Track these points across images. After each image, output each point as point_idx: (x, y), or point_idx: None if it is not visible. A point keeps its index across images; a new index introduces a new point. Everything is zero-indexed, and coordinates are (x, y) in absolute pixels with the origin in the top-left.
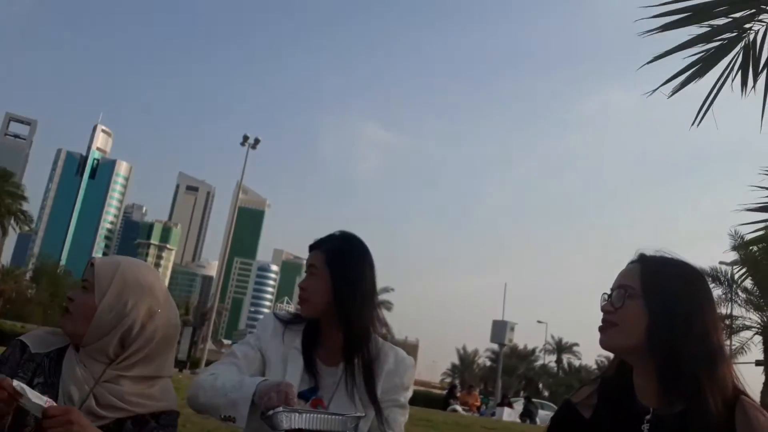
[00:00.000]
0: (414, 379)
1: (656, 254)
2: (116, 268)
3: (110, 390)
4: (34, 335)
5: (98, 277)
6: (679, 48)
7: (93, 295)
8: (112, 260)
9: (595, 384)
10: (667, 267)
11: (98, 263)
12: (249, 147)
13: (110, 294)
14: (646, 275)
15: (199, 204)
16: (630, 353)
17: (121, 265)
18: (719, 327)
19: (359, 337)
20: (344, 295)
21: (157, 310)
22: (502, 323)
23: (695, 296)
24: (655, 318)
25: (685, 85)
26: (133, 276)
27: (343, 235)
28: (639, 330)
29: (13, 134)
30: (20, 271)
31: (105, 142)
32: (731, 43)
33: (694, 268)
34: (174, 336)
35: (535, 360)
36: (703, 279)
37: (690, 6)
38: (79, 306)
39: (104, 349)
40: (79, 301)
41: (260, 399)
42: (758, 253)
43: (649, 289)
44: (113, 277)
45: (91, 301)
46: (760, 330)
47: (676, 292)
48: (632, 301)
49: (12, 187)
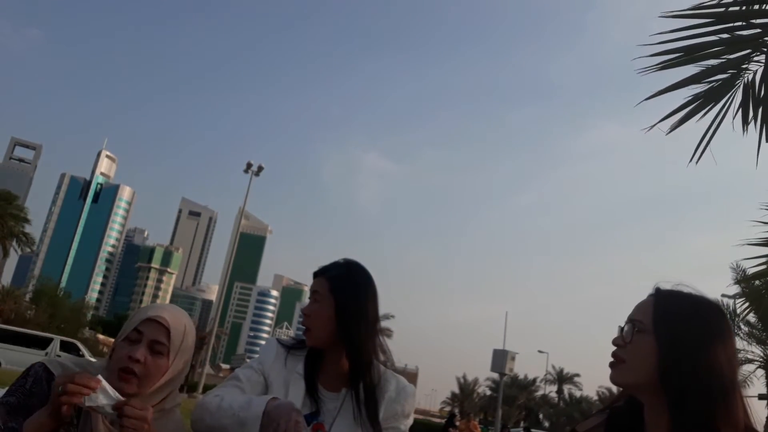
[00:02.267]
0: (414, 408)
1: (673, 288)
2: (184, 331)
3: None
4: (59, 363)
5: (174, 342)
6: (677, 86)
7: (167, 360)
8: (179, 321)
9: (603, 415)
10: (681, 302)
11: (172, 325)
12: (252, 174)
13: (179, 358)
14: (658, 310)
15: (201, 229)
16: (639, 390)
17: (186, 324)
18: (734, 363)
19: (362, 364)
20: (348, 323)
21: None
22: (502, 352)
23: (708, 332)
24: (666, 355)
25: (683, 122)
26: (193, 337)
27: (347, 263)
28: (648, 367)
29: (18, 158)
30: (20, 291)
31: (109, 167)
32: (729, 82)
33: (710, 302)
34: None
35: (535, 390)
36: (719, 313)
37: (687, 46)
38: (152, 368)
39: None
40: (151, 364)
41: (269, 422)
42: (762, 287)
43: (659, 324)
44: (182, 341)
45: (165, 366)
46: (762, 363)
47: (686, 329)
48: (642, 337)
49: (15, 209)
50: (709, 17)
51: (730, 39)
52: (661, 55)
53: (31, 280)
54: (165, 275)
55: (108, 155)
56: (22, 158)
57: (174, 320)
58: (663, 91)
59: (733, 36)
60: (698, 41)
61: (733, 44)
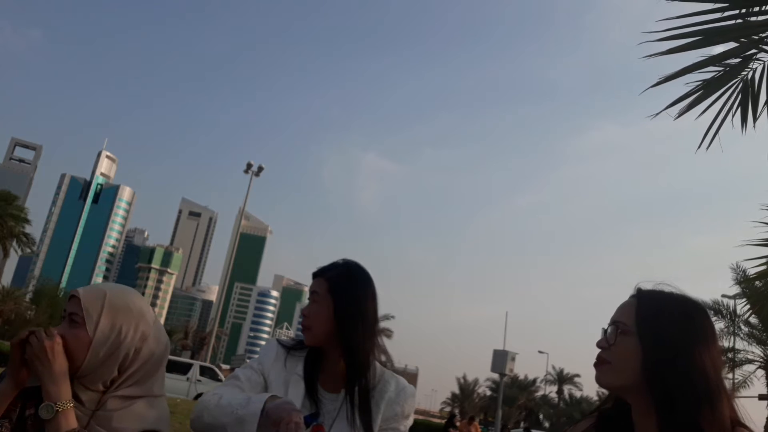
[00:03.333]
0: (414, 408)
1: (654, 288)
2: (104, 297)
3: (102, 415)
4: None
5: (87, 309)
6: (685, 71)
7: (84, 329)
8: (96, 289)
9: (592, 418)
10: (663, 302)
11: (83, 295)
12: (252, 174)
13: (103, 324)
14: (641, 311)
15: (201, 229)
16: (625, 391)
17: (108, 293)
18: (719, 362)
19: (361, 365)
20: (347, 324)
21: (149, 332)
22: (503, 353)
23: (691, 332)
24: (649, 356)
25: (692, 107)
26: (122, 302)
27: (346, 264)
28: (632, 368)
29: (18, 159)
30: (20, 292)
31: (109, 168)
32: (734, 70)
33: (694, 302)
34: (164, 355)
35: (535, 390)
36: (702, 313)
37: (699, 30)
38: (72, 341)
39: (100, 379)
40: (70, 336)
41: (269, 421)
42: (763, 288)
43: (642, 326)
44: (103, 306)
45: (83, 334)
46: (762, 364)
47: (669, 329)
48: (625, 338)
49: (15, 210)
50: (719, 1)
51: (741, 24)
52: (668, 41)
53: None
54: (165, 276)
55: (108, 156)
56: (22, 159)
57: (89, 290)
58: (672, 77)
59: (744, 22)
60: (710, 26)
61: (745, 29)
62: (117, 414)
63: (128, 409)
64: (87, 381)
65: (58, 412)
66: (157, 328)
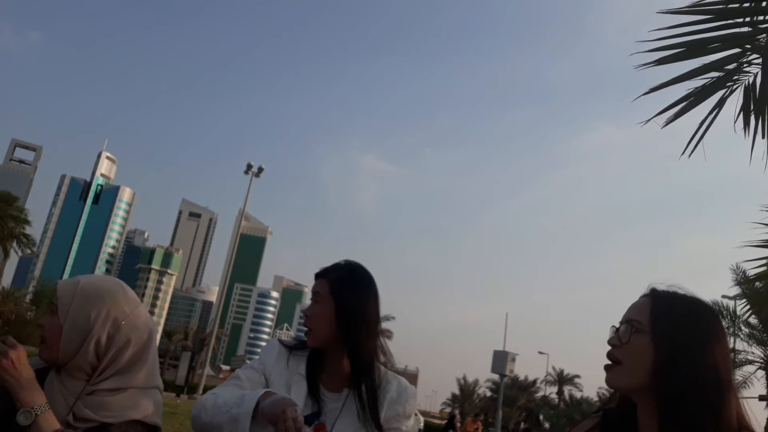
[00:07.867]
0: (415, 409)
1: (668, 289)
2: (76, 284)
3: (86, 403)
4: None
5: (60, 297)
6: (675, 81)
7: (58, 316)
8: (74, 278)
9: (597, 418)
10: (678, 303)
11: (60, 284)
12: (252, 175)
13: (72, 310)
14: (656, 311)
15: (201, 230)
16: (635, 392)
17: (81, 281)
18: (728, 364)
19: (364, 366)
20: (348, 325)
21: (123, 319)
22: (503, 354)
23: (704, 333)
24: (662, 355)
25: (679, 116)
26: (93, 288)
27: (348, 265)
28: (644, 368)
29: (18, 159)
30: (20, 293)
31: (109, 169)
32: (724, 79)
33: (706, 304)
34: (147, 342)
35: (536, 391)
36: (714, 315)
37: (685, 42)
38: (49, 330)
39: (80, 366)
40: (48, 325)
41: (264, 420)
42: (763, 289)
43: (657, 325)
44: (74, 293)
45: (57, 322)
46: (763, 364)
47: (683, 329)
48: (639, 337)
49: (16, 210)
50: (706, 14)
51: (727, 35)
52: (658, 51)
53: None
54: (165, 276)
55: (108, 156)
56: (22, 160)
57: (65, 281)
58: (661, 86)
59: (730, 33)
60: (696, 38)
61: (730, 40)
62: (102, 402)
63: (113, 399)
64: (69, 369)
65: (38, 416)
66: (136, 316)
